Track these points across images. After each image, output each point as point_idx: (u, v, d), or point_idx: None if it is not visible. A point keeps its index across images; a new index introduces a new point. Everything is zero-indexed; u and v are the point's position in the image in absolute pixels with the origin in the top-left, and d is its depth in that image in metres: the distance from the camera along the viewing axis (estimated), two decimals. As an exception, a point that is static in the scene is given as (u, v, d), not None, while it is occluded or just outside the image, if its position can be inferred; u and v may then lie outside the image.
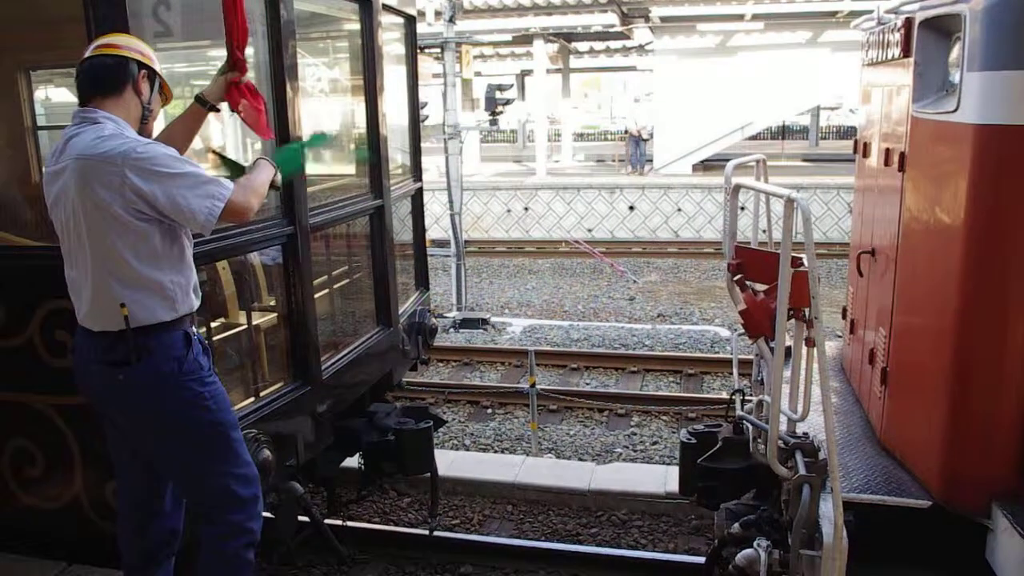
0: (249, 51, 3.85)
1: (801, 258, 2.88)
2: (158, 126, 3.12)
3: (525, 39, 22.18)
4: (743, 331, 3.52)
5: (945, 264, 3.22)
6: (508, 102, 13.00)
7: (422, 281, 6.09)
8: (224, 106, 3.16)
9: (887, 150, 3.92)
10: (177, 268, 2.77)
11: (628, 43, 27.30)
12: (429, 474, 4.97)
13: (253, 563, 3.03)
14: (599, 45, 29.21)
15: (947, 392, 3.25)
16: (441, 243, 12.38)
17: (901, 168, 3.67)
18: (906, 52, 3.66)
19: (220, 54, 3.19)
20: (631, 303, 12.84)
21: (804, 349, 3.04)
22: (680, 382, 8.87)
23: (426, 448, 4.82)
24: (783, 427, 3.20)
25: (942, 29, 3.42)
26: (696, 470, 3.99)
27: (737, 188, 3.60)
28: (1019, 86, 2.93)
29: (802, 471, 3.10)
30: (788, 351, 3.48)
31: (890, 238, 3.84)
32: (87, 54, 2.78)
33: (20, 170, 4.94)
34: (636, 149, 21.35)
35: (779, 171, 19.79)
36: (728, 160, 4.09)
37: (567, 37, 25.10)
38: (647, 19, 20.41)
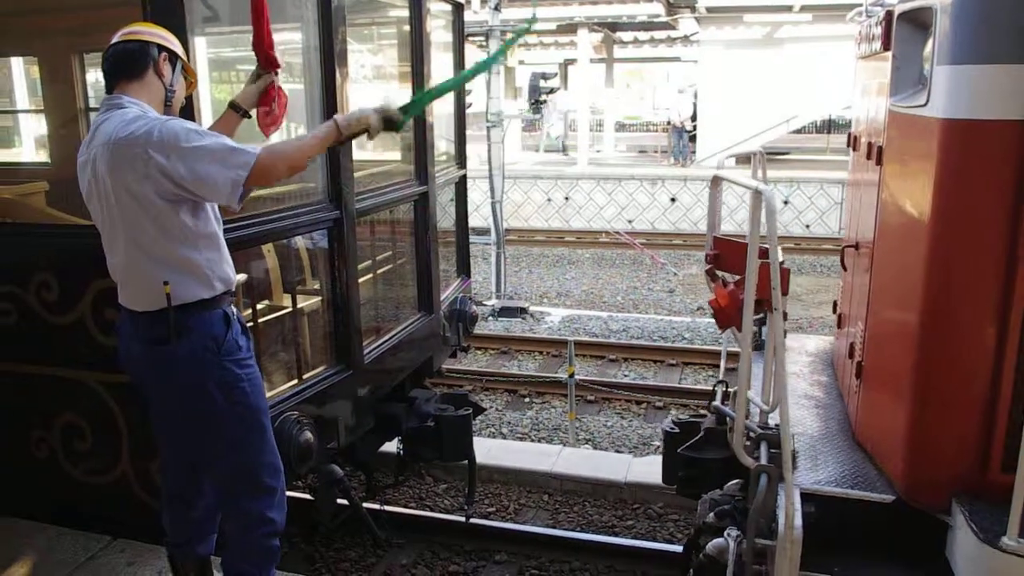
0: (297, 36, 3.90)
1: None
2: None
3: (569, 28, 22.07)
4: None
5: (911, 260, 3.21)
6: (552, 91, 12.96)
7: (464, 268, 6.10)
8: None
9: (868, 144, 3.92)
10: (211, 245, 2.78)
11: (673, 33, 27.03)
12: (467, 461, 4.99)
13: (278, 550, 3.03)
14: (643, 35, 28.96)
15: (911, 389, 3.24)
16: (481, 231, 12.36)
17: (879, 162, 3.67)
18: (886, 46, 3.62)
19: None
20: (671, 295, 12.75)
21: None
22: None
23: (465, 435, 4.85)
24: (755, 418, 3.22)
25: (918, 22, 3.38)
26: (677, 459, 3.99)
27: (717, 179, 3.67)
28: (985, 81, 2.89)
29: (764, 461, 3.12)
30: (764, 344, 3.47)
31: (869, 233, 3.84)
32: (112, 42, 2.80)
33: (74, 150, 5.03)
34: (679, 140, 21.16)
35: (824, 165, 19.48)
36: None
37: (612, 27, 24.92)
38: (693, 9, 20.18)
